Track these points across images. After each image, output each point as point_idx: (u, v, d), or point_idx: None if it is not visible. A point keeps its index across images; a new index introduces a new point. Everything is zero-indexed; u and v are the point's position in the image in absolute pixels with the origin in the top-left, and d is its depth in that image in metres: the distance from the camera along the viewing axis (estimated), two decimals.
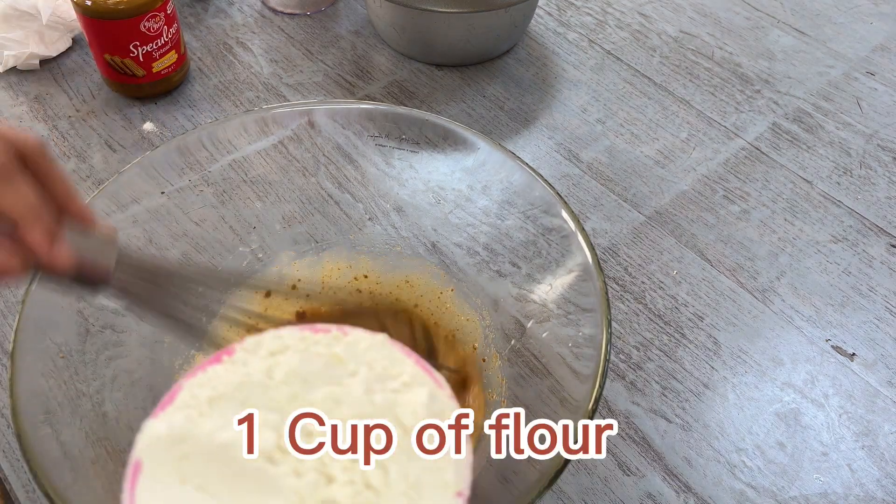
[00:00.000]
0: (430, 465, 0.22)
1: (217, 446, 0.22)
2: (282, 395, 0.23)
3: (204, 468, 0.22)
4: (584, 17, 0.75)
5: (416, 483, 0.22)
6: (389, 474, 0.22)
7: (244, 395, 0.23)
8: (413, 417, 0.23)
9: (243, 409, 0.23)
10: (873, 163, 0.63)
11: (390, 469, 0.22)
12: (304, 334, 0.26)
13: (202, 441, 0.22)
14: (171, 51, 0.61)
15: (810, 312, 0.53)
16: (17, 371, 0.35)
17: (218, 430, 0.22)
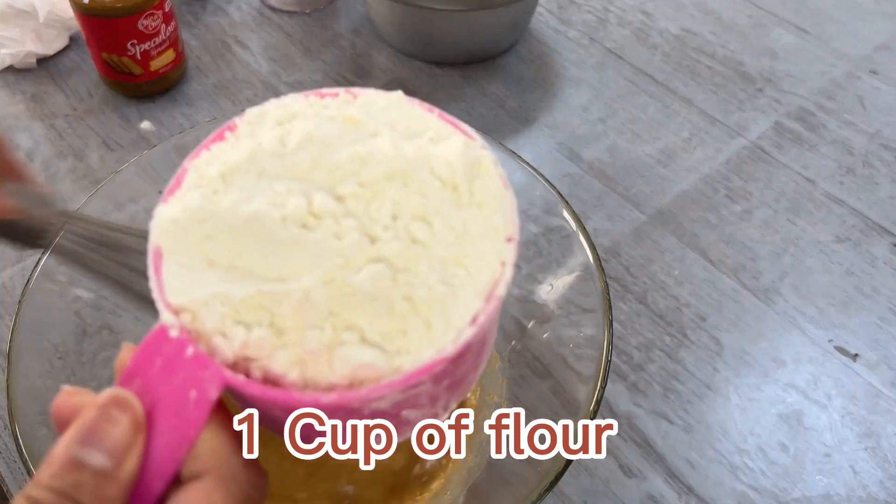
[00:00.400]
0: (475, 213, 0.21)
1: (243, 220, 0.20)
2: (301, 161, 0.21)
3: (232, 245, 0.20)
4: (585, 15, 0.74)
5: (463, 232, 0.21)
6: (434, 227, 0.20)
7: (259, 166, 0.21)
8: (449, 168, 0.21)
9: (261, 179, 0.21)
10: (876, 162, 0.62)
11: (434, 222, 0.20)
12: (311, 100, 0.23)
13: (224, 217, 0.20)
14: (168, 49, 0.61)
15: (813, 313, 0.52)
16: (14, 372, 0.35)
17: (239, 203, 0.20)
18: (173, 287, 0.20)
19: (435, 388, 0.21)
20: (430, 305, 0.20)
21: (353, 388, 0.19)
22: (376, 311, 0.19)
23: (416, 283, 0.20)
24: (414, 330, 0.19)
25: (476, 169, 0.22)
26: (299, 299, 0.19)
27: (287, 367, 0.19)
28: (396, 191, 0.21)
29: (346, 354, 0.19)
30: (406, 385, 0.19)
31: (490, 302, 0.20)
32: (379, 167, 0.21)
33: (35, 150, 0.59)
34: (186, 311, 0.20)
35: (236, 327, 0.19)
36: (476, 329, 0.20)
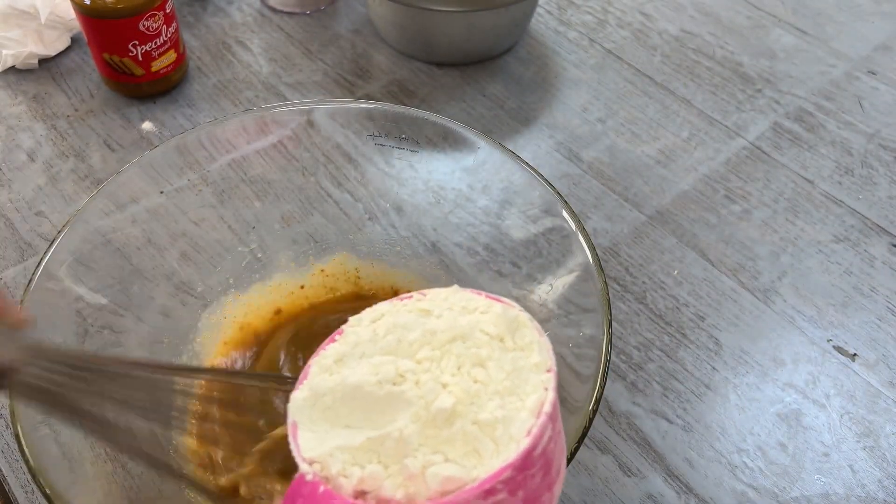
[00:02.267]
0: (519, 355, 0.28)
1: (350, 388, 0.27)
2: (389, 342, 0.28)
3: (346, 410, 0.27)
4: (584, 15, 0.74)
5: (512, 370, 0.27)
6: (489, 369, 0.27)
7: (360, 350, 0.29)
8: (494, 326, 0.28)
9: (361, 359, 0.28)
10: (875, 162, 0.62)
11: (489, 366, 0.27)
12: (394, 302, 0.31)
13: (337, 390, 0.27)
14: (169, 50, 0.61)
15: (812, 312, 0.52)
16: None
17: (347, 377, 0.27)
18: (306, 447, 0.27)
19: (511, 499, 0.25)
20: (493, 426, 0.25)
21: (444, 497, 0.24)
22: (456, 437, 0.25)
23: (480, 411, 0.26)
24: (484, 447, 0.25)
25: (515, 324, 0.29)
26: (397, 438, 0.25)
27: (394, 490, 0.25)
28: (458, 348, 0.28)
29: (435, 472, 0.24)
30: (482, 490, 0.24)
31: (539, 417, 0.26)
32: (444, 335, 0.28)
33: (36, 151, 0.60)
34: (317, 462, 0.26)
35: (353, 468, 0.25)
36: (531, 439, 0.25)
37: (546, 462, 0.26)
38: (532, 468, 0.25)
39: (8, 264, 0.53)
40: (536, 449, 0.25)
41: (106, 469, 0.37)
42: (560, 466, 0.28)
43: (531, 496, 0.26)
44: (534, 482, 0.26)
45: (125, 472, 0.38)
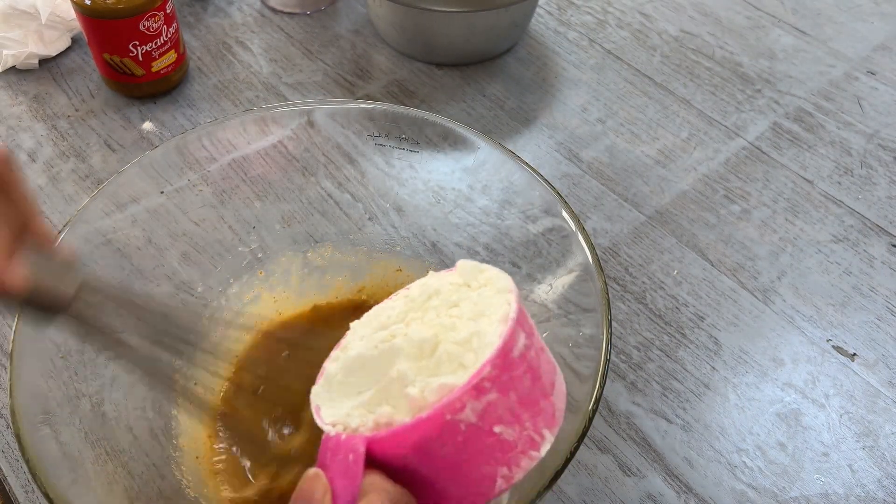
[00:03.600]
0: (484, 290, 0.32)
1: (352, 360, 0.31)
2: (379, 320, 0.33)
3: (354, 379, 0.31)
4: (584, 16, 0.75)
5: (479, 300, 0.31)
6: (462, 306, 0.31)
7: (358, 335, 0.34)
8: (459, 276, 0.33)
9: (360, 340, 0.33)
10: (874, 162, 0.63)
11: (461, 304, 0.31)
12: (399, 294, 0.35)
13: (343, 366, 0.32)
14: (170, 50, 0.61)
15: (811, 312, 0.53)
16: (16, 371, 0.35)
17: (349, 354, 0.32)
18: (327, 415, 0.31)
19: (505, 400, 0.27)
20: (469, 341, 0.29)
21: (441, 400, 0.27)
22: (442, 359, 0.29)
23: (460, 332, 0.29)
24: (467, 359, 0.28)
25: (476, 269, 0.33)
26: (395, 377, 0.29)
27: (402, 418, 0.28)
28: (434, 302, 0.32)
29: (431, 387, 0.28)
30: (471, 387, 0.27)
31: (507, 323, 0.28)
32: (421, 297, 0.33)
33: (37, 151, 0.60)
34: (338, 423, 0.30)
35: (369, 415, 0.29)
36: (503, 340, 0.28)
37: (530, 368, 0.29)
38: (515, 369, 0.28)
39: None
40: (513, 350, 0.28)
41: (106, 469, 0.37)
42: (554, 381, 0.30)
43: (526, 399, 0.28)
44: (523, 385, 0.28)
45: (126, 471, 0.38)
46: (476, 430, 0.27)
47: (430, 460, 0.27)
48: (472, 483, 0.28)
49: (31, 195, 0.31)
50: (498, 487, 0.27)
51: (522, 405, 0.28)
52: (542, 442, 0.28)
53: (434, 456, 0.27)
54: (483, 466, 0.27)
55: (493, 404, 0.27)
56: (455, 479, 0.28)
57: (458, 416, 0.27)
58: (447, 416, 0.27)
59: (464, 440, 0.27)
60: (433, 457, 0.27)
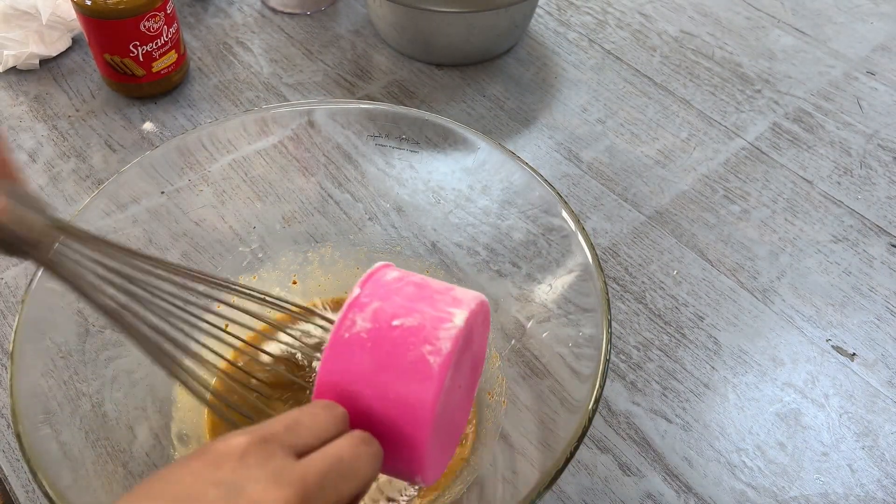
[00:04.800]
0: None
1: None
2: None
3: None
4: (584, 16, 0.75)
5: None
6: None
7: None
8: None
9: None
10: (873, 162, 0.63)
11: None
12: None
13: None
14: (170, 50, 0.61)
15: (811, 312, 0.53)
16: (17, 371, 0.35)
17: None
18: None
19: (391, 303, 0.30)
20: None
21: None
22: None
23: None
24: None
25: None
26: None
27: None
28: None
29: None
30: (350, 305, 0.31)
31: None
32: None
33: (38, 151, 0.60)
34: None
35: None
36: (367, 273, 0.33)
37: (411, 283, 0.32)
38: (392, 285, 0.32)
39: (9, 264, 0.53)
40: (383, 277, 0.32)
41: (107, 469, 0.37)
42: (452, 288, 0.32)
43: (414, 298, 0.31)
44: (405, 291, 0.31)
45: (126, 471, 0.38)
46: (376, 330, 0.30)
47: (361, 376, 0.29)
48: (410, 372, 0.29)
49: (4, 136, 0.30)
50: (434, 363, 0.29)
51: (413, 301, 0.31)
52: (453, 316, 0.30)
53: (359, 370, 0.29)
54: (406, 353, 0.29)
55: (380, 309, 0.30)
56: (395, 380, 0.29)
57: (353, 329, 0.30)
58: (344, 334, 0.30)
59: (372, 344, 0.29)
60: (359, 371, 0.29)
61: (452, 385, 0.31)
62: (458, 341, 0.29)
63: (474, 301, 0.31)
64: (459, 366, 0.31)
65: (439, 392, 0.29)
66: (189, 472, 0.24)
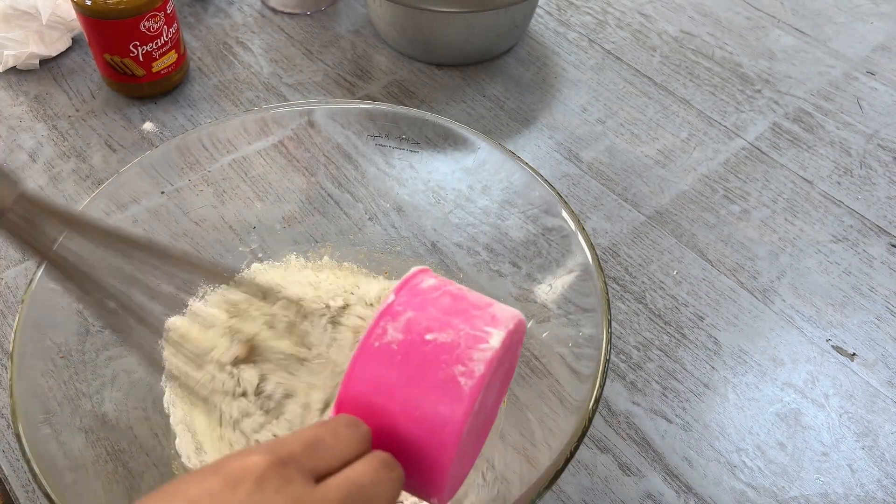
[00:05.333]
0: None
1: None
2: None
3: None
4: (584, 16, 0.75)
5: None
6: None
7: None
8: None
9: None
10: (874, 162, 0.63)
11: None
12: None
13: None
14: (170, 50, 0.61)
15: (811, 312, 0.53)
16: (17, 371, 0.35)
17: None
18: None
19: (426, 314, 0.29)
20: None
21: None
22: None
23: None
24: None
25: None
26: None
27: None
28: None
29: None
30: (382, 313, 0.30)
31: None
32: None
33: (38, 151, 0.60)
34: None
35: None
36: (404, 278, 0.32)
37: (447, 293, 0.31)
38: (427, 294, 0.31)
39: (9, 264, 0.53)
40: (419, 284, 0.31)
41: (107, 469, 0.37)
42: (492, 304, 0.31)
43: (450, 311, 0.30)
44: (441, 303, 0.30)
45: (126, 471, 0.38)
46: (408, 343, 0.28)
47: (387, 389, 0.28)
48: (439, 391, 0.28)
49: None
50: (465, 385, 0.28)
51: (449, 315, 0.29)
52: (490, 336, 0.29)
53: (387, 382, 0.28)
54: (437, 371, 0.28)
55: (414, 320, 0.29)
56: (423, 397, 0.28)
57: (384, 339, 0.29)
58: (374, 343, 0.29)
59: (403, 357, 0.28)
60: (386, 383, 0.28)
61: (481, 407, 0.30)
62: (493, 364, 0.28)
63: (512, 321, 0.30)
64: (490, 386, 0.30)
65: (468, 415, 0.28)
66: (206, 491, 0.23)
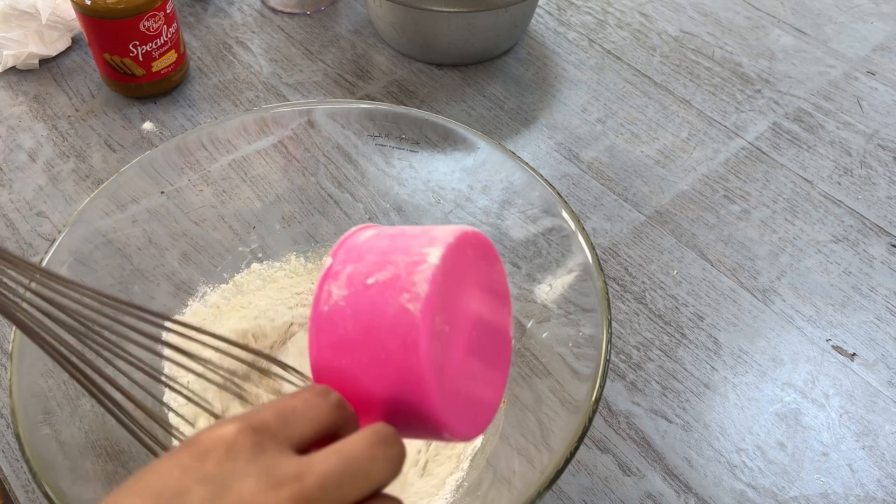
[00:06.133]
0: None
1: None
2: None
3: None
4: (584, 16, 0.75)
5: None
6: None
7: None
8: None
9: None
10: (874, 162, 0.63)
11: None
12: None
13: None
14: (170, 50, 0.61)
15: (811, 312, 0.53)
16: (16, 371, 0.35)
17: None
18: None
19: (364, 263, 0.28)
20: None
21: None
22: None
23: None
24: None
25: None
26: None
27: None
28: None
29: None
30: (323, 278, 0.29)
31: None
32: None
33: (37, 151, 0.60)
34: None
35: None
36: (342, 237, 0.30)
37: (387, 236, 0.30)
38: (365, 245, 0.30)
39: None
40: (358, 237, 0.30)
41: (106, 469, 0.37)
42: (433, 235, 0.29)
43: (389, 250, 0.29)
44: (379, 245, 0.29)
45: (126, 471, 0.38)
46: (353, 295, 0.28)
47: (349, 346, 0.28)
48: (394, 326, 0.27)
49: None
50: (415, 309, 0.27)
51: (387, 253, 0.29)
52: (426, 256, 0.28)
53: (348, 341, 0.28)
54: (387, 309, 0.27)
55: (354, 272, 0.28)
56: (383, 338, 0.27)
57: (331, 301, 0.28)
58: (323, 308, 0.28)
59: (352, 310, 0.28)
60: (348, 342, 0.28)
61: (455, 327, 0.29)
62: (438, 280, 0.27)
63: (453, 234, 0.29)
64: (457, 304, 0.29)
65: (429, 338, 0.27)
66: (176, 464, 0.22)
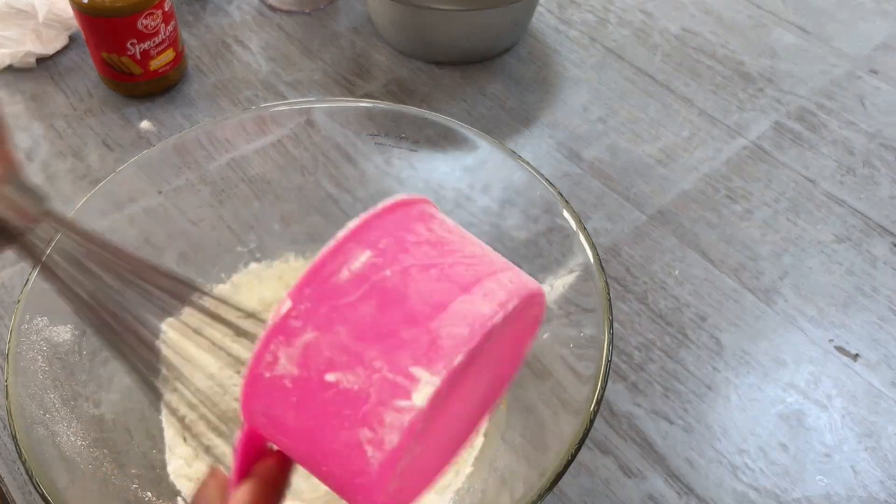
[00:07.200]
0: None
1: None
2: None
3: None
4: (585, 14, 0.74)
5: None
6: None
7: None
8: None
9: None
10: (877, 162, 0.62)
11: None
12: None
13: None
14: (168, 49, 0.61)
15: (813, 313, 0.52)
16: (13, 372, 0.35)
17: None
18: None
19: (330, 337, 0.22)
20: None
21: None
22: None
23: None
24: None
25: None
26: None
27: None
28: None
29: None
30: (274, 329, 0.22)
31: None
32: None
33: (34, 150, 0.59)
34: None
35: None
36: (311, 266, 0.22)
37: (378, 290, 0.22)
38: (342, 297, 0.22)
39: (5, 264, 0.52)
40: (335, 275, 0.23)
41: (103, 470, 0.37)
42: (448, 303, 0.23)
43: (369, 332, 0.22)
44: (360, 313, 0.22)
45: (123, 473, 0.37)
46: (304, 382, 0.21)
47: (285, 430, 0.22)
48: (340, 455, 0.21)
49: (6, 127, 0.29)
50: (375, 460, 0.21)
51: (364, 339, 0.21)
52: (414, 386, 0.20)
53: (283, 423, 0.22)
54: (338, 431, 0.21)
55: (314, 345, 0.21)
56: (325, 459, 0.22)
57: (275, 370, 0.21)
58: (265, 374, 0.22)
59: (298, 400, 0.21)
60: (283, 424, 0.22)
61: (425, 448, 0.23)
62: (415, 429, 0.21)
63: (466, 344, 0.21)
64: (438, 420, 0.23)
65: (385, 487, 0.21)
66: None
